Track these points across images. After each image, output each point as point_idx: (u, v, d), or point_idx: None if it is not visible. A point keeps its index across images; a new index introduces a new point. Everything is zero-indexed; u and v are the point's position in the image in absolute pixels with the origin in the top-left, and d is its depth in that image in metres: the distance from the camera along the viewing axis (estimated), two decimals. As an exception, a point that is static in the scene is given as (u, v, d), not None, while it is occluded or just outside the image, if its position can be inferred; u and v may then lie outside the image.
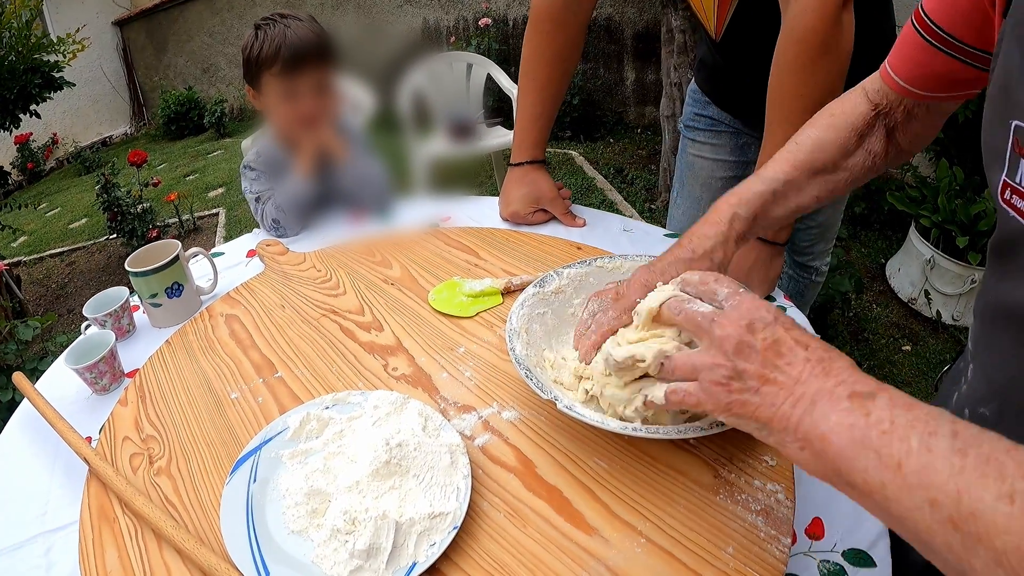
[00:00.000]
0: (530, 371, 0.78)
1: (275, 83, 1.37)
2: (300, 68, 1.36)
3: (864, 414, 0.49)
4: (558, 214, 1.34)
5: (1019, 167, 0.57)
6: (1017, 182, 0.58)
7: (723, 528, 0.70)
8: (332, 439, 0.78)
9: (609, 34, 4.81)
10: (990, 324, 0.69)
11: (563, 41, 1.34)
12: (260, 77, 1.39)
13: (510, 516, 0.73)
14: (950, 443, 0.44)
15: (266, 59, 1.36)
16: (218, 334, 1.09)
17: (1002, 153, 0.59)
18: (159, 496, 0.80)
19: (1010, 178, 0.59)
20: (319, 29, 1.41)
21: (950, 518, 0.42)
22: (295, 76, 1.36)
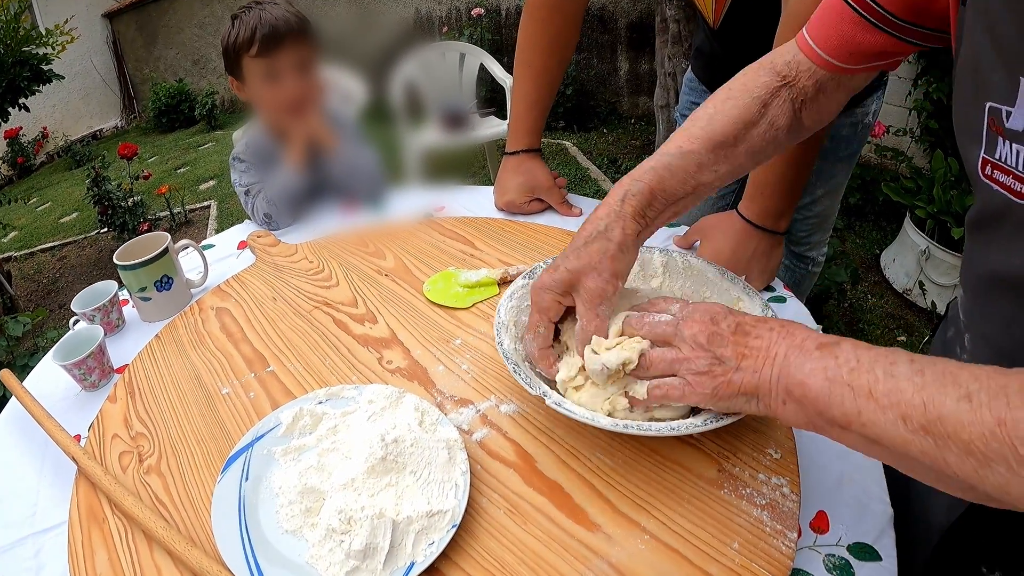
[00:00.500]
0: (518, 365, 0.77)
1: (255, 66, 1.35)
2: (278, 46, 1.34)
3: (833, 357, 0.57)
4: (554, 203, 1.33)
5: (997, 144, 0.62)
6: (997, 158, 0.62)
7: (728, 523, 0.68)
8: (326, 435, 0.76)
9: (603, 24, 4.79)
10: (984, 295, 0.72)
11: (559, 27, 1.31)
12: (240, 63, 1.37)
13: (510, 513, 0.71)
14: (909, 367, 0.52)
15: (243, 43, 1.34)
16: (208, 328, 1.07)
17: (978, 132, 0.63)
18: (149, 495, 0.78)
19: (989, 155, 0.63)
20: (295, 11, 1.39)
21: (921, 426, 0.50)
22: (274, 55, 1.34)
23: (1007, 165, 0.61)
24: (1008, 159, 0.61)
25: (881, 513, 0.74)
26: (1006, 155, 0.61)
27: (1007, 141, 0.61)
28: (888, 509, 0.75)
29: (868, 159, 3.45)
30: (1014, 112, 0.59)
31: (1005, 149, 0.61)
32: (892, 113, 3.26)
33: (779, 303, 1.06)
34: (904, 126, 3.20)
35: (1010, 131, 0.60)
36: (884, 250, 2.97)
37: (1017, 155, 0.60)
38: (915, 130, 3.14)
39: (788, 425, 0.63)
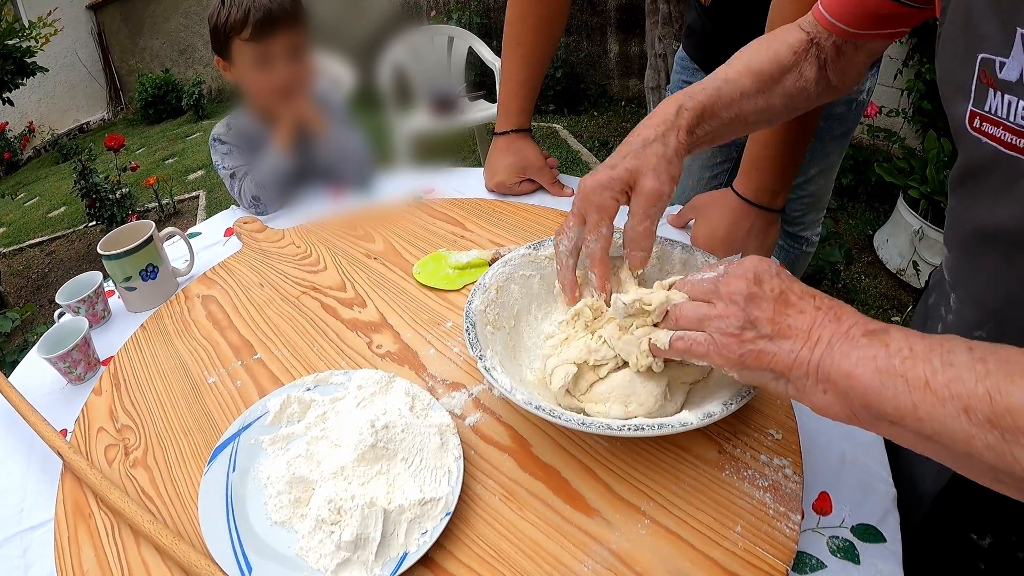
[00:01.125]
0: (473, 326, 0.76)
1: (246, 50, 1.32)
2: (272, 31, 1.31)
3: (883, 346, 0.52)
4: (545, 184, 1.31)
5: (987, 96, 0.62)
6: (986, 110, 0.63)
7: (730, 506, 0.67)
8: (315, 423, 0.74)
9: (592, 6, 4.77)
10: (971, 252, 0.72)
11: (548, 5, 1.29)
12: (230, 45, 1.34)
13: (505, 499, 0.69)
14: (968, 356, 0.48)
15: (235, 24, 1.31)
16: (194, 316, 1.05)
17: (966, 86, 0.64)
18: (135, 489, 0.77)
19: (978, 107, 0.64)
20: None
21: (987, 419, 0.45)
22: (267, 40, 1.31)
23: (997, 117, 0.62)
24: (999, 111, 0.62)
25: (884, 493, 0.73)
26: (996, 107, 0.62)
27: (999, 92, 0.61)
28: (891, 489, 0.73)
29: (860, 140, 3.46)
30: (1008, 62, 0.59)
31: (996, 101, 0.62)
32: (884, 94, 3.25)
33: None
34: (896, 107, 3.20)
35: (1003, 82, 0.60)
36: (877, 231, 2.98)
37: (1009, 106, 0.61)
38: (907, 111, 3.14)
39: (820, 415, 0.58)
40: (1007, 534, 0.73)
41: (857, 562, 0.66)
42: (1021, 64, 0.58)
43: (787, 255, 1.87)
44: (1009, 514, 0.70)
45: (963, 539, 0.76)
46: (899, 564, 0.66)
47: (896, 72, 3.09)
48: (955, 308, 0.77)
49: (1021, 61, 0.59)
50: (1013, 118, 0.60)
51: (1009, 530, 0.73)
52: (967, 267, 0.74)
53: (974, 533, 0.76)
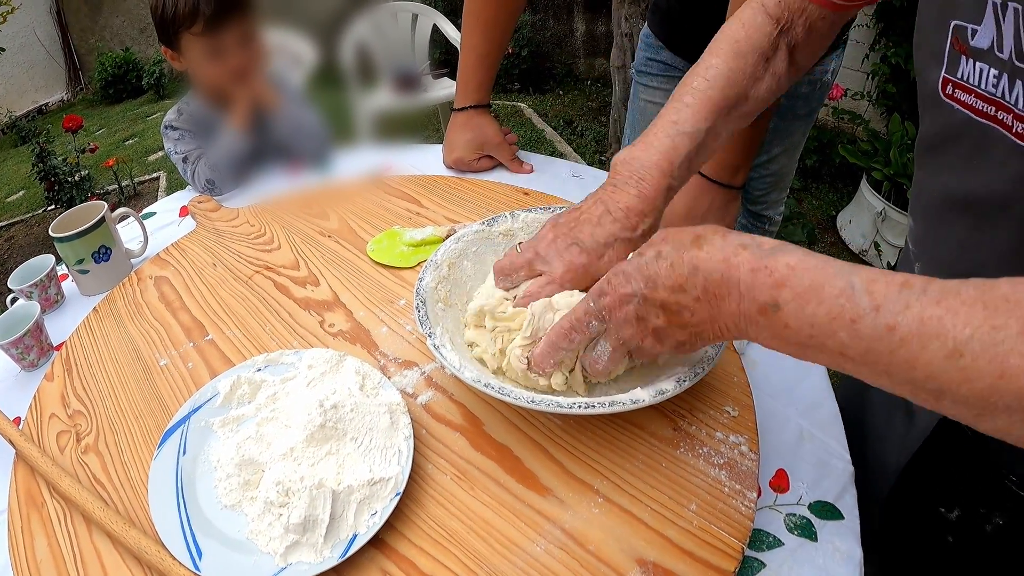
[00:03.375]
0: (424, 303, 0.75)
1: (197, 43, 1.29)
2: (223, 23, 1.28)
3: (783, 327, 0.50)
4: (504, 160, 1.30)
5: (959, 63, 0.62)
6: (959, 77, 0.63)
7: (685, 484, 0.67)
8: (265, 403, 0.73)
9: None
10: (937, 220, 0.73)
11: None
12: (178, 38, 1.31)
13: (457, 479, 0.69)
14: (875, 320, 0.45)
15: (183, 18, 1.28)
16: (147, 298, 1.03)
17: (940, 52, 0.64)
18: (87, 476, 0.75)
19: (950, 74, 0.64)
20: None
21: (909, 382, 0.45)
22: (218, 32, 1.28)
23: (969, 84, 0.62)
24: (971, 78, 0.62)
25: (842, 471, 0.74)
26: (968, 73, 0.62)
27: (970, 59, 0.62)
28: (849, 466, 0.75)
29: (825, 122, 3.50)
30: (980, 30, 0.59)
31: (968, 68, 0.62)
32: (850, 77, 3.30)
33: None
34: (862, 90, 3.24)
35: (975, 49, 0.61)
36: (840, 212, 3.02)
37: (980, 73, 0.61)
38: (872, 94, 3.18)
39: None
40: (975, 506, 0.74)
41: (815, 539, 0.67)
42: (992, 32, 0.59)
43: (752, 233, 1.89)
44: (977, 486, 0.72)
45: (931, 512, 0.77)
46: (857, 541, 0.67)
47: (863, 56, 3.13)
48: None
49: (992, 29, 0.59)
50: (984, 85, 0.61)
51: (977, 502, 0.74)
52: (934, 235, 0.74)
53: (942, 506, 0.76)
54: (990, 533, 0.72)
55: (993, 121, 0.60)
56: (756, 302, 0.52)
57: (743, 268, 0.53)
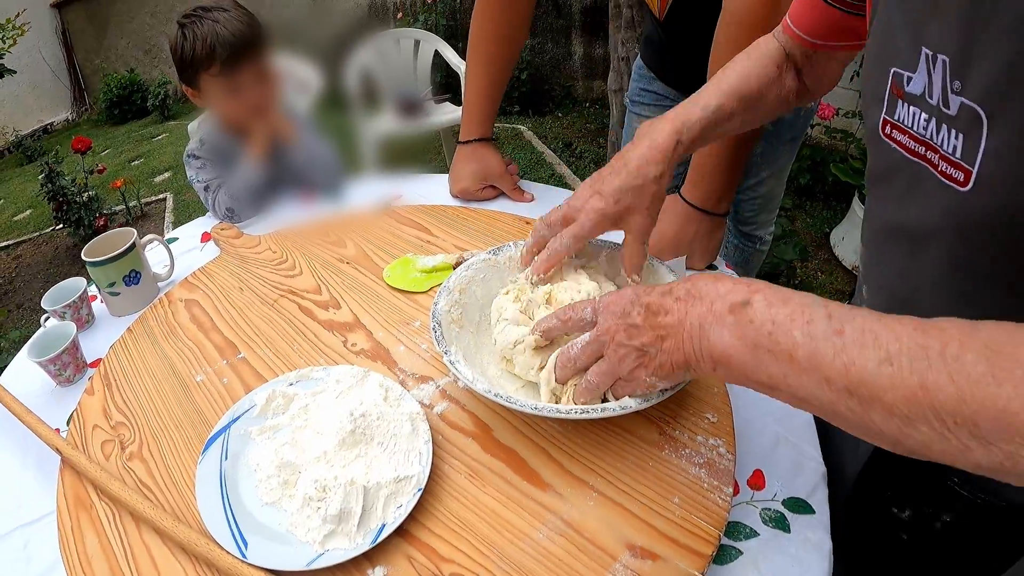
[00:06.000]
0: (439, 325, 0.84)
1: (215, 82, 1.36)
2: (238, 63, 1.35)
3: (748, 322, 0.57)
4: (507, 190, 1.38)
5: (896, 106, 0.69)
6: (896, 119, 0.69)
7: (669, 480, 0.75)
8: (298, 414, 0.81)
9: (557, 8, 4.82)
10: (881, 247, 0.79)
11: (511, 19, 1.36)
12: (197, 78, 1.38)
13: (470, 477, 0.77)
14: (827, 325, 0.52)
15: (201, 60, 1.34)
16: (179, 319, 1.11)
17: (881, 95, 0.71)
18: (134, 480, 0.82)
19: (889, 116, 0.70)
20: (248, 17, 1.39)
21: (845, 388, 0.50)
22: (235, 72, 1.35)
23: (904, 125, 0.68)
24: (906, 120, 0.68)
25: (814, 470, 0.81)
26: (904, 116, 0.68)
27: (905, 103, 0.68)
28: (821, 467, 0.82)
29: (818, 140, 3.56)
30: (914, 77, 0.65)
31: (903, 111, 0.68)
32: (841, 96, 3.35)
33: None
34: (853, 108, 3.31)
35: (909, 94, 0.67)
36: (834, 229, 3.07)
37: (913, 116, 0.67)
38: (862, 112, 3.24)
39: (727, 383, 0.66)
40: (923, 506, 0.80)
41: (788, 531, 0.74)
42: (924, 79, 0.64)
43: (741, 254, 1.95)
44: (923, 488, 0.78)
45: (886, 513, 0.83)
46: (827, 533, 0.75)
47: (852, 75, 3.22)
48: (867, 299, 0.84)
49: (924, 77, 0.64)
50: (916, 127, 0.66)
51: (924, 502, 0.79)
52: (877, 260, 0.80)
53: (895, 507, 0.82)
54: (939, 530, 0.79)
55: (924, 160, 0.66)
56: (729, 302, 0.60)
57: (726, 283, 0.62)
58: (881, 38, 0.72)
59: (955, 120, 0.60)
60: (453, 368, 0.77)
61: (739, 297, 0.59)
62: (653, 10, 1.44)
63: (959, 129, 0.60)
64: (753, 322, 0.57)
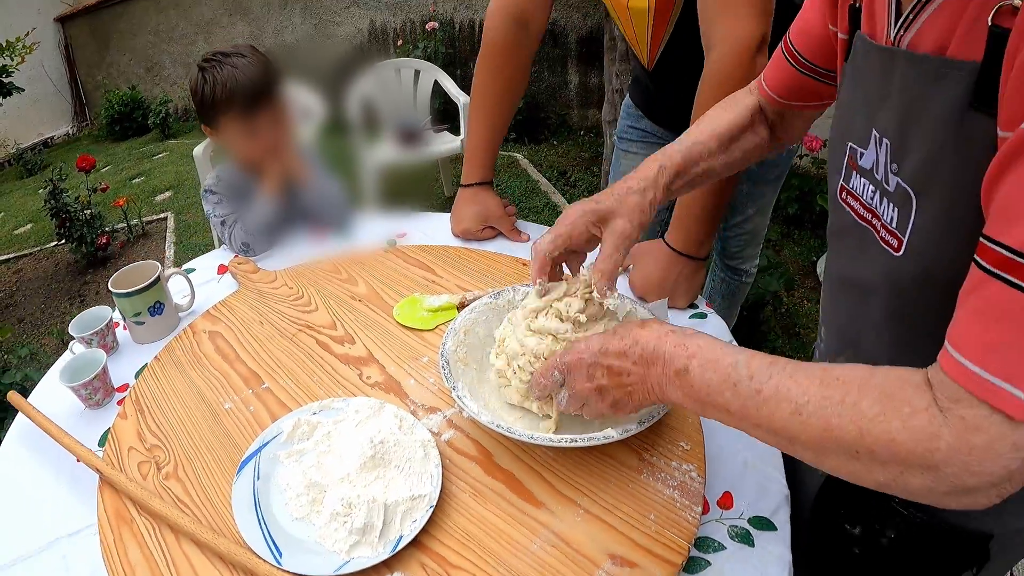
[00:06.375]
0: (448, 364, 0.95)
1: (233, 124, 1.45)
2: (256, 108, 1.43)
3: (689, 386, 0.70)
4: (505, 231, 1.48)
5: (852, 176, 0.79)
6: (850, 187, 0.80)
7: (647, 500, 0.86)
8: (322, 440, 0.92)
9: (554, 38, 4.95)
10: (835, 294, 0.90)
11: (511, 74, 1.47)
12: (216, 119, 1.45)
13: (474, 496, 0.88)
14: (749, 386, 0.65)
15: (220, 103, 1.42)
16: (204, 350, 1.20)
17: (840, 165, 0.81)
18: (171, 497, 0.91)
19: (845, 183, 0.81)
20: (265, 63, 1.47)
21: (770, 432, 0.64)
22: (252, 116, 1.43)
23: (856, 193, 0.79)
24: (857, 189, 0.78)
25: (778, 492, 0.92)
26: (856, 185, 0.79)
27: (858, 175, 0.78)
28: (784, 489, 0.93)
29: (806, 170, 3.68)
30: (866, 153, 0.76)
31: (856, 181, 0.79)
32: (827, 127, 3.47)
33: (701, 319, 1.25)
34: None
35: (861, 167, 0.77)
36: (820, 257, 3.16)
37: (863, 187, 0.77)
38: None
39: None
40: (871, 523, 0.88)
41: (752, 545, 0.85)
42: (873, 157, 0.74)
43: (728, 286, 2.05)
44: (871, 507, 0.87)
45: (840, 529, 0.92)
46: (787, 548, 0.85)
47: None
48: (824, 338, 0.95)
49: (873, 154, 0.74)
50: (865, 196, 0.77)
51: (872, 520, 0.88)
52: (832, 305, 0.91)
53: (848, 524, 0.91)
54: (886, 546, 0.87)
55: (869, 225, 0.76)
56: (674, 367, 0.71)
57: (668, 344, 0.73)
58: (843, 113, 0.82)
59: (893, 195, 0.71)
60: (460, 402, 0.88)
61: (679, 364, 0.71)
62: (642, 60, 1.55)
63: (895, 203, 0.71)
64: (694, 386, 0.70)
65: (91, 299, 3.87)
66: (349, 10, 5.88)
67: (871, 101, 0.75)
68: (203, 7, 7.00)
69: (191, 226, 4.52)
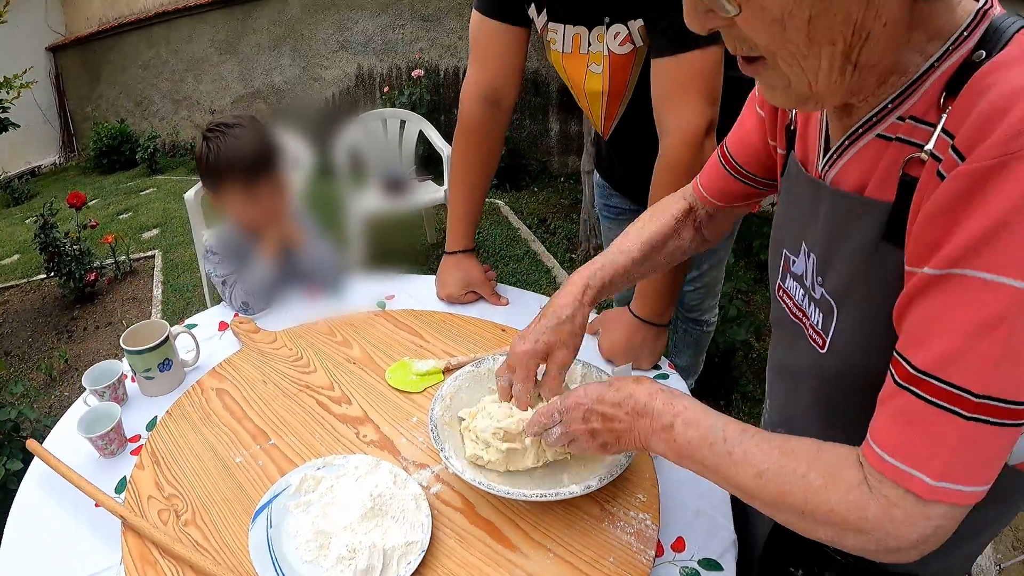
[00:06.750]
0: (436, 427, 1.08)
1: (234, 190, 1.54)
2: (256, 177, 1.52)
3: (673, 440, 0.80)
4: (486, 295, 1.62)
5: (787, 277, 0.90)
6: (785, 286, 0.91)
7: (607, 545, 1.00)
8: (326, 492, 1.05)
9: (536, 87, 5.10)
10: (775, 376, 1.02)
11: (487, 149, 1.63)
12: (218, 186, 1.55)
13: (459, 541, 1.02)
14: (723, 447, 0.75)
15: (222, 171, 1.51)
16: (212, 406, 1.29)
17: (777, 266, 0.93)
18: (191, 542, 1.02)
19: (781, 283, 0.92)
20: (265, 135, 1.56)
21: (736, 487, 0.75)
22: (252, 184, 1.53)
23: (790, 292, 0.90)
24: (791, 289, 0.90)
25: (725, 538, 1.05)
26: (790, 286, 0.90)
27: (791, 278, 0.89)
28: (731, 535, 1.06)
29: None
30: (797, 261, 0.86)
31: (789, 283, 0.90)
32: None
33: (663, 379, 1.39)
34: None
35: (793, 272, 0.88)
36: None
37: (795, 289, 0.89)
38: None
39: None
40: (812, 566, 0.98)
41: (700, 583, 0.98)
42: (803, 266, 0.85)
43: (691, 337, 2.17)
44: (812, 553, 0.95)
45: (785, 572, 1.01)
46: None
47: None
48: (767, 408, 1.08)
49: (803, 264, 0.85)
50: (796, 298, 0.89)
51: (812, 563, 0.98)
52: (773, 386, 1.04)
53: (791, 567, 1.00)
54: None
55: (801, 322, 0.88)
56: (661, 422, 0.81)
57: (658, 402, 0.83)
58: (779, 222, 0.94)
59: (819, 302, 0.83)
60: (447, 461, 1.02)
61: (666, 420, 0.81)
62: (598, 130, 1.68)
63: (820, 309, 0.83)
64: (676, 441, 0.80)
65: (79, 335, 3.88)
66: (337, 54, 6.03)
67: (802, 218, 0.86)
68: (194, 45, 7.10)
69: (179, 265, 4.53)
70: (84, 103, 8.52)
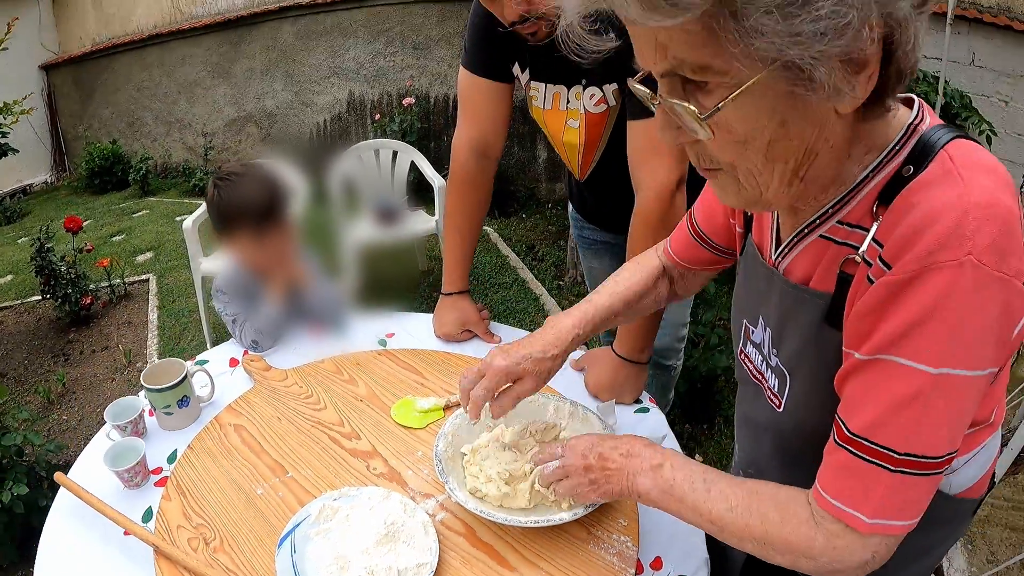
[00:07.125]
0: (441, 462, 1.19)
1: (243, 235, 1.61)
2: (264, 224, 1.59)
3: (660, 478, 0.92)
4: (480, 334, 1.73)
5: (747, 344, 1.02)
6: (746, 351, 1.02)
7: (593, 564, 1.12)
8: (342, 520, 1.17)
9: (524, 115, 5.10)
10: (741, 426, 1.14)
11: (478, 198, 1.75)
12: (228, 231, 1.62)
13: (463, 563, 1.13)
14: (703, 486, 0.88)
15: (232, 218, 1.59)
16: (231, 441, 1.39)
17: (739, 333, 1.04)
18: (222, 567, 1.12)
19: (743, 348, 1.04)
20: (274, 184, 1.62)
21: (710, 521, 0.86)
22: (261, 230, 1.59)
23: (751, 357, 1.01)
24: (751, 354, 1.01)
25: (699, 557, 1.17)
26: (750, 351, 1.01)
27: (751, 345, 0.99)
28: (704, 555, 1.18)
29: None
30: (756, 331, 0.97)
31: (750, 348, 1.01)
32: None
33: (644, 412, 1.51)
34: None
35: (753, 340, 0.99)
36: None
37: (754, 355, 0.99)
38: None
39: None
40: None
41: (674, 598, 1.11)
42: (761, 336, 0.96)
43: (658, 381, 2.21)
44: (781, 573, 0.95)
45: None
46: None
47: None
48: (737, 453, 1.19)
49: (760, 334, 0.96)
50: (756, 362, 0.99)
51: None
52: (739, 435, 1.16)
53: None
54: None
55: (760, 384, 1.00)
56: (651, 462, 0.94)
57: (649, 448, 0.96)
58: (739, 293, 1.05)
59: (775, 369, 0.96)
60: (452, 492, 1.15)
61: (656, 460, 0.94)
62: (574, 173, 1.78)
63: (776, 375, 0.95)
64: (663, 477, 0.92)
65: (75, 358, 3.89)
66: (329, 80, 6.12)
67: (759, 296, 0.97)
68: (187, 67, 7.14)
69: (173, 290, 4.54)
70: (76, 122, 8.49)
